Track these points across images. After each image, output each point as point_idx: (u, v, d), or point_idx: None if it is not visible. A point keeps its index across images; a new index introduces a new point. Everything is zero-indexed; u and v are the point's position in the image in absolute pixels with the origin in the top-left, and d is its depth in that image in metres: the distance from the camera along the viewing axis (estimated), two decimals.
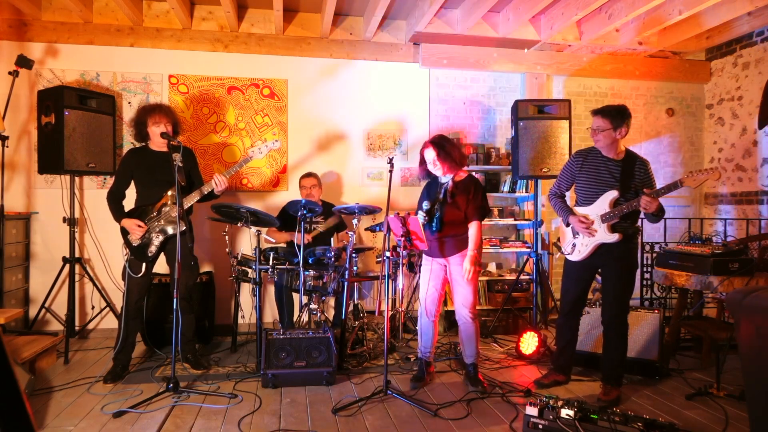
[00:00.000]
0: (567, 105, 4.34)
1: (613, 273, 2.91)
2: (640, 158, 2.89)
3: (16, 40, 4.12)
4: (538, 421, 2.43)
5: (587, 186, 2.95)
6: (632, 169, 2.84)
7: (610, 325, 2.92)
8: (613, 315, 2.90)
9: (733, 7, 3.96)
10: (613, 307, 2.90)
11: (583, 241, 2.96)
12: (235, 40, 4.47)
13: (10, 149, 3.95)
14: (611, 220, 2.83)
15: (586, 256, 2.95)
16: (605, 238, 2.86)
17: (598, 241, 2.89)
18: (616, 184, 2.85)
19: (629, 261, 2.91)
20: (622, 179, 2.83)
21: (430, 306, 3.14)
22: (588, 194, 2.95)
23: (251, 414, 2.73)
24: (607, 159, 2.90)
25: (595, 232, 2.89)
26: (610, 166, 2.89)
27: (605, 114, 2.84)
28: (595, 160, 2.95)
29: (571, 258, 3.05)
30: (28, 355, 3.13)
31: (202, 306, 4.03)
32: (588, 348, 3.44)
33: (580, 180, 3.00)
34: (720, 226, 4.93)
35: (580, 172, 2.99)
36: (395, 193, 4.68)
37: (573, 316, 3.12)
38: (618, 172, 2.86)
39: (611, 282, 2.92)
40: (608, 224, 2.85)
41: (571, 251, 3.04)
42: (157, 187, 3.27)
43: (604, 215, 2.85)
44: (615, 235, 2.83)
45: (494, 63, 4.85)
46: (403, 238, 2.98)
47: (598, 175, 2.91)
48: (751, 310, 1.98)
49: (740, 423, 2.65)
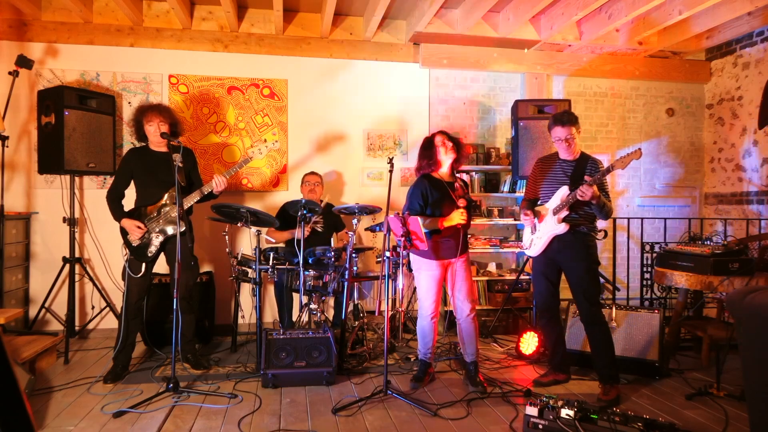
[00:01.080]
0: (567, 105, 4.34)
1: (575, 271, 3.02)
2: (592, 158, 3.08)
3: (16, 40, 4.12)
4: (538, 421, 2.43)
5: (546, 186, 3.15)
6: (584, 167, 3.02)
7: (590, 323, 3.00)
8: (588, 313, 2.99)
9: (733, 7, 3.96)
10: (586, 305, 2.99)
11: (538, 235, 3.13)
12: (235, 40, 4.47)
13: (10, 149, 3.95)
14: (560, 212, 2.99)
15: (541, 248, 3.10)
16: (555, 229, 3.01)
17: (550, 233, 3.04)
18: (567, 180, 3.02)
19: (587, 258, 3.01)
20: (573, 176, 3.01)
21: (431, 307, 3.13)
22: (547, 194, 3.13)
23: (251, 414, 2.73)
24: (563, 161, 3.10)
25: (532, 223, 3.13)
26: (564, 167, 3.09)
27: (571, 122, 3.01)
28: (552, 163, 3.15)
29: (529, 253, 3.22)
30: (28, 355, 3.13)
31: (202, 306, 4.03)
32: (579, 346, 3.46)
33: (539, 182, 3.19)
34: (720, 226, 4.93)
35: (540, 175, 3.19)
36: (395, 193, 4.68)
37: (551, 314, 3.20)
38: (570, 171, 3.04)
39: (576, 280, 3.03)
40: (558, 216, 3.00)
41: (529, 246, 3.20)
42: (157, 187, 3.27)
43: (555, 208, 3.01)
44: (562, 225, 2.98)
45: (494, 63, 4.85)
46: (403, 238, 2.98)
47: (554, 176, 3.11)
48: (751, 310, 1.98)
49: (740, 423, 2.65)
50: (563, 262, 3.06)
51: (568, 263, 3.04)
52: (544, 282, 3.15)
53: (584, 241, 3.01)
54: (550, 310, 3.18)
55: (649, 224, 5.01)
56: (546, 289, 3.16)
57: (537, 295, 3.26)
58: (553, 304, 3.18)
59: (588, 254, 3.00)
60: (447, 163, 3.12)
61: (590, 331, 3.01)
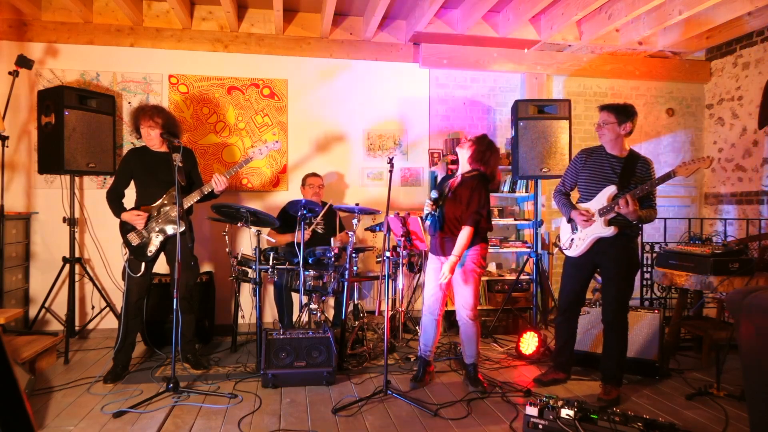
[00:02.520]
0: (567, 105, 4.33)
1: (613, 273, 2.91)
2: (643, 157, 2.91)
3: (16, 40, 4.12)
4: (538, 421, 2.43)
5: (589, 182, 2.98)
6: (634, 166, 2.86)
7: (611, 324, 2.92)
8: (613, 315, 2.91)
9: (733, 7, 3.96)
10: (613, 306, 2.90)
11: (580, 236, 2.99)
12: (235, 40, 4.47)
13: (10, 149, 3.95)
14: (607, 214, 2.85)
15: (583, 250, 2.97)
16: (601, 231, 2.88)
17: (595, 235, 2.91)
18: (615, 179, 2.87)
19: (628, 261, 2.92)
20: (622, 175, 2.85)
21: (434, 304, 3.13)
22: (589, 190, 2.97)
23: (251, 414, 2.73)
24: (610, 156, 2.93)
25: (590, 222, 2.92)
26: (612, 163, 2.91)
27: (610, 109, 2.89)
28: (598, 157, 2.98)
29: (568, 253, 3.08)
30: (28, 355, 3.13)
31: (202, 306, 4.03)
32: (586, 348, 3.44)
33: (582, 176, 3.02)
34: (720, 226, 4.93)
35: (584, 168, 3.02)
36: (395, 193, 4.68)
37: (571, 314, 3.13)
38: (619, 168, 2.88)
39: (611, 282, 2.93)
40: (605, 218, 2.87)
41: (569, 246, 3.06)
42: (157, 187, 3.27)
43: (602, 209, 2.88)
44: (610, 228, 2.84)
45: (494, 63, 4.85)
46: (403, 238, 2.98)
47: (600, 171, 2.94)
48: (751, 310, 1.98)
49: (740, 423, 2.65)
50: (603, 262, 2.94)
51: (608, 263, 2.91)
52: (575, 283, 3.06)
53: (629, 245, 2.91)
54: (571, 311, 3.12)
55: (649, 224, 5.00)
56: (574, 291, 3.07)
57: (563, 293, 3.13)
58: (577, 305, 3.12)
59: (631, 258, 2.92)
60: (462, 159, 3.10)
61: (609, 331, 2.94)
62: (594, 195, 2.94)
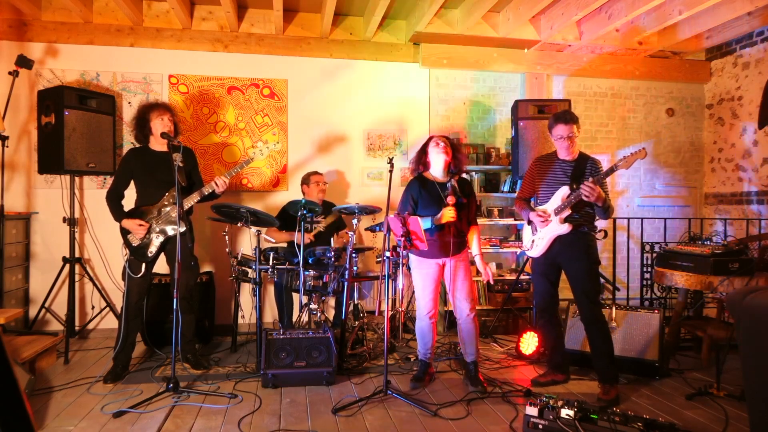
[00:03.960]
0: (567, 105, 4.33)
1: (576, 270, 3.02)
2: (591, 158, 3.07)
3: (16, 40, 4.12)
4: (538, 421, 2.43)
5: (545, 186, 3.13)
6: (584, 167, 3.01)
7: (590, 322, 3.00)
8: (588, 311, 2.99)
9: (733, 7, 3.96)
10: (586, 304, 2.99)
11: (540, 236, 3.12)
12: (235, 40, 4.47)
13: (10, 149, 3.95)
14: (562, 212, 2.99)
15: (543, 249, 3.10)
16: (557, 229, 3.01)
17: (552, 234, 3.04)
18: (567, 181, 3.01)
19: (588, 257, 3.01)
20: (573, 176, 3.01)
21: (429, 306, 3.14)
22: (546, 194, 3.13)
23: (251, 414, 2.73)
24: (562, 161, 3.10)
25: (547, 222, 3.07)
26: (564, 167, 3.08)
27: (573, 121, 3.02)
28: (551, 163, 3.14)
29: (530, 254, 3.21)
30: (28, 355, 3.13)
31: (202, 306, 4.03)
32: (579, 346, 3.45)
33: (538, 183, 3.17)
34: (720, 226, 4.93)
35: (539, 175, 3.17)
36: (395, 193, 4.64)
37: (549, 313, 3.20)
38: (570, 171, 3.04)
39: (576, 280, 3.03)
40: (560, 217, 3.00)
41: (531, 247, 3.19)
42: (157, 187, 3.27)
43: (556, 208, 3.01)
44: (565, 225, 2.99)
45: (494, 63, 4.85)
46: (403, 238, 2.98)
47: (553, 176, 3.10)
48: (751, 310, 1.98)
49: (740, 423, 2.65)
50: (564, 261, 3.06)
51: (569, 263, 3.04)
52: (544, 282, 3.16)
53: (585, 240, 3.02)
54: (549, 310, 3.19)
55: (649, 224, 5.01)
56: (546, 290, 3.17)
57: (537, 296, 3.27)
58: (553, 304, 3.19)
59: (589, 254, 3.01)
60: (439, 163, 3.12)
61: (590, 330, 3.02)
62: (550, 198, 3.09)
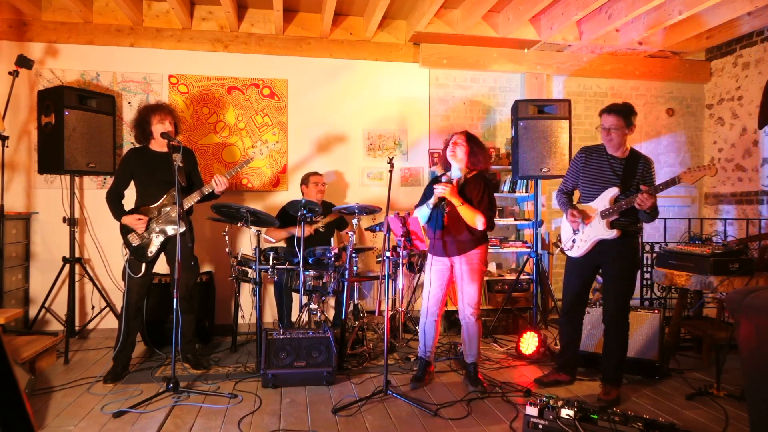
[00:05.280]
0: (567, 105, 4.33)
1: (614, 272, 2.91)
2: (644, 156, 2.91)
3: (16, 40, 4.12)
4: (538, 421, 2.42)
5: (590, 182, 2.98)
6: (635, 167, 2.85)
7: (611, 324, 2.92)
8: (613, 314, 2.90)
9: (733, 7, 3.96)
10: (614, 306, 2.90)
11: (582, 237, 2.97)
12: (235, 40, 4.47)
13: (10, 149, 3.95)
14: (610, 216, 2.84)
15: (585, 251, 2.96)
16: (604, 234, 2.87)
17: (597, 237, 2.91)
18: (617, 181, 2.86)
19: (630, 260, 2.92)
20: (624, 176, 2.85)
21: (433, 305, 3.13)
22: (591, 191, 2.97)
23: (251, 414, 2.73)
24: (611, 157, 2.92)
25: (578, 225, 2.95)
26: (613, 164, 2.91)
27: (618, 113, 2.85)
28: (599, 157, 2.97)
29: (570, 254, 3.07)
30: (28, 355, 3.13)
31: (202, 306, 4.03)
32: (590, 348, 3.43)
33: (583, 177, 3.02)
34: (720, 226, 4.93)
35: (585, 168, 3.01)
36: (395, 193, 4.68)
37: (575, 314, 3.12)
38: (621, 170, 2.87)
39: (612, 281, 2.93)
40: (607, 220, 2.86)
41: (571, 247, 3.05)
42: (157, 187, 3.26)
43: (604, 211, 2.87)
44: (613, 231, 2.84)
45: (494, 63, 4.85)
46: (403, 238, 2.98)
47: (600, 172, 2.94)
48: (751, 310, 1.98)
49: (740, 423, 2.65)
50: (605, 262, 2.93)
51: (610, 263, 2.91)
52: (579, 283, 3.05)
53: (631, 244, 2.91)
54: (575, 310, 3.10)
55: (649, 224, 5.00)
56: (577, 291, 3.06)
57: (566, 293, 3.12)
58: (581, 305, 3.11)
59: (633, 258, 2.92)
60: (455, 164, 3.09)
61: (609, 331, 2.94)
62: (595, 196, 2.94)
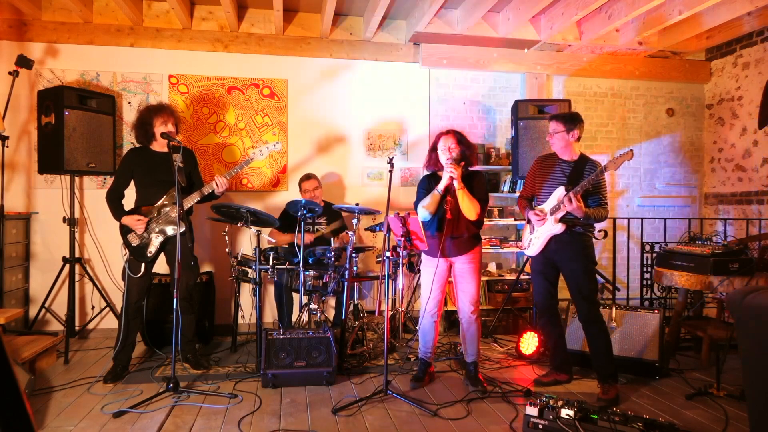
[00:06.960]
0: (567, 105, 4.34)
1: (572, 271, 3.04)
2: (592, 160, 3.07)
3: (16, 40, 4.12)
4: (538, 421, 2.43)
5: (543, 185, 3.15)
6: (582, 168, 3.02)
7: (588, 321, 3.02)
8: (586, 312, 3.00)
9: (733, 7, 3.96)
10: (584, 304, 3.00)
11: (536, 235, 3.15)
12: (235, 40, 4.47)
13: (10, 149, 3.95)
14: (557, 213, 3.00)
15: (540, 248, 3.12)
16: (552, 229, 3.03)
17: (547, 233, 3.05)
18: (565, 181, 3.03)
19: (585, 256, 3.02)
20: (571, 177, 3.02)
21: (433, 306, 3.14)
22: (544, 193, 3.14)
23: (251, 414, 2.73)
24: (562, 160, 3.12)
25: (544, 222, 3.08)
26: (563, 167, 3.09)
27: (558, 118, 3.09)
28: (552, 162, 3.16)
29: (528, 253, 3.23)
30: (28, 355, 3.13)
31: (202, 306, 4.02)
32: (580, 347, 3.44)
33: (538, 181, 3.19)
34: (720, 226, 4.93)
35: (540, 173, 3.19)
36: (395, 193, 4.68)
37: (549, 312, 3.21)
38: (569, 171, 3.05)
39: (573, 280, 3.05)
40: (555, 217, 3.01)
41: (528, 246, 3.21)
42: (157, 187, 3.27)
43: (552, 208, 3.03)
44: (559, 225, 3.00)
45: (494, 63, 4.85)
46: (403, 238, 2.98)
47: (552, 175, 3.13)
48: (751, 310, 1.98)
49: (740, 423, 2.65)
50: (560, 261, 3.08)
51: (565, 263, 3.05)
52: (543, 282, 3.17)
53: (581, 240, 3.02)
54: (549, 310, 3.20)
55: (649, 224, 5.01)
56: (544, 289, 3.17)
57: (536, 295, 3.28)
58: (552, 303, 3.20)
59: (585, 254, 3.02)
60: None
61: (588, 330, 3.03)
62: (548, 197, 3.10)
